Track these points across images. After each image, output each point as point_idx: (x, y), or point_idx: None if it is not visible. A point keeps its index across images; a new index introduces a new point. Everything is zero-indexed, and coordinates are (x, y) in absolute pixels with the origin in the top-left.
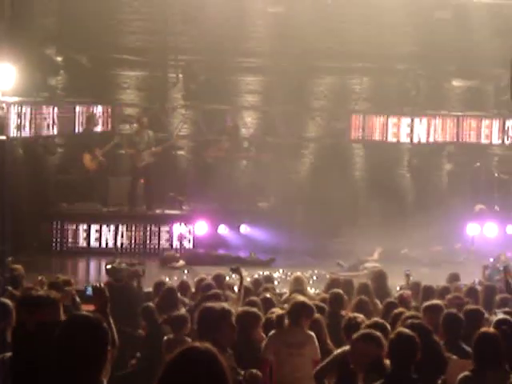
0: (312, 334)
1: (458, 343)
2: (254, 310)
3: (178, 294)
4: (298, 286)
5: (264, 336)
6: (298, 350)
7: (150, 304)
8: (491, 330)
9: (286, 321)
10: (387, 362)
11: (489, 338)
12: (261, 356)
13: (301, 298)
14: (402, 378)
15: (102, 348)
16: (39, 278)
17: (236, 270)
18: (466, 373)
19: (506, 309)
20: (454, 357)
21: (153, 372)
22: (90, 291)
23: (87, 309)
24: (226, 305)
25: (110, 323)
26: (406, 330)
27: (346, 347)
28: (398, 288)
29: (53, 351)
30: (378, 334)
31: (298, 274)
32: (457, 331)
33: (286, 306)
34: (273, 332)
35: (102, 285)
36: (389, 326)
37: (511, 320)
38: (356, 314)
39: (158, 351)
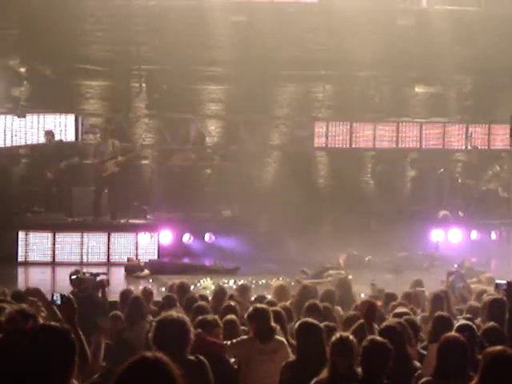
0: (283, 339)
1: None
2: (210, 317)
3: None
4: (283, 295)
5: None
6: (269, 356)
7: (117, 313)
8: (455, 334)
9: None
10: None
11: (452, 343)
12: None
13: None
14: None
15: (69, 356)
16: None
17: None
18: (428, 378)
19: (468, 315)
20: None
21: None
22: (57, 299)
23: None
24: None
25: (78, 334)
26: (379, 338)
27: None
28: (362, 295)
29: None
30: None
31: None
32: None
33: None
34: (245, 337)
35: (71, 295)
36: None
37: (472, 326)
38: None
39: (123, 360)
